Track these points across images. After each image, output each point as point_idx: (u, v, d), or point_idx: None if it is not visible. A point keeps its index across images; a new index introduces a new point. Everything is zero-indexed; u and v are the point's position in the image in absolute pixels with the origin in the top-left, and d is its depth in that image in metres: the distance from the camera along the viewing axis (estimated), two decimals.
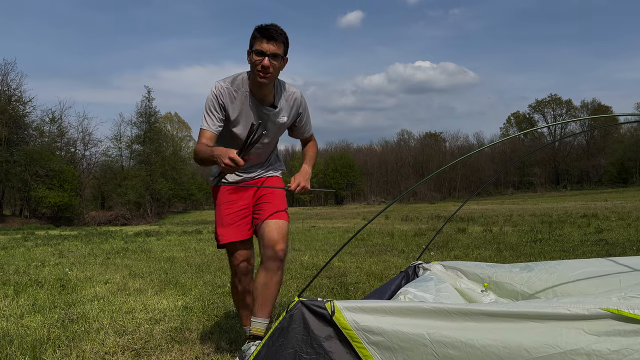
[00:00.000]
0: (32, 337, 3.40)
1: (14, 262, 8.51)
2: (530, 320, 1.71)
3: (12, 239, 16.12)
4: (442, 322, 1.77)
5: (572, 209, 22.74)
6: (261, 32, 2.45)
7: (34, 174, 35.54)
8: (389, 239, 10.93)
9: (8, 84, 37.62)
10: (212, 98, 2.58)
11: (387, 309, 1.83)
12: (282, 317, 1.92)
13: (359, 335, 1.82)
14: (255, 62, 2.47)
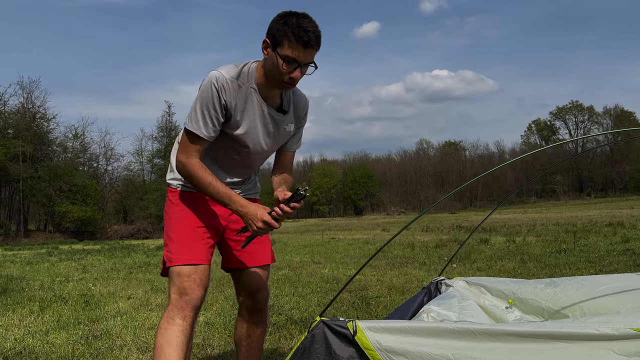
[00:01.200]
0: (57, 354, 3.45)
1: (39, 277, 8.65)
2: (558, 340, 1.67)
3: (36, 253, 16.40)
4: (467, 342, 1.74)
5: (597, 218, 22.29)
6: (298, 36, 1.90)
7: (57, 189, 36.19)
8: (410, 251, 10.83)
9: (33, 102, 38.53)
10: (211, 93, 1.99)
11: (410, 329, 1.81)
12: (303, 337, 1.91)
13: (382, 356, 1.80)
14: (284, 71, 1.96)
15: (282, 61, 1.94)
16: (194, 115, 2.01)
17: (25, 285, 7.43)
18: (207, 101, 1.99)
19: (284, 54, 1.93)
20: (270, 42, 1.97)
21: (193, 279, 2.05)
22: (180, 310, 2.01)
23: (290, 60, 1.94)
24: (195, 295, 2.04)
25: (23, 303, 5.77)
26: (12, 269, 10.41)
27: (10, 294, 6.57)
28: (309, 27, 1.92)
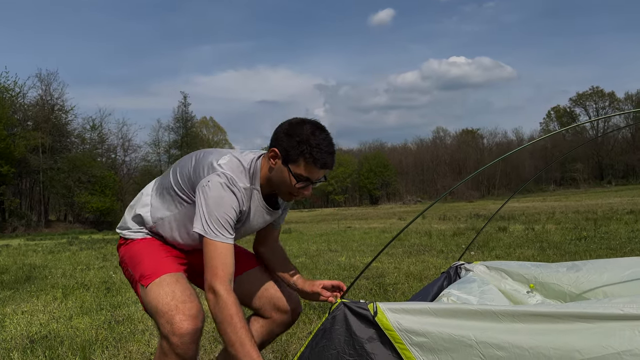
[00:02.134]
0: (82, 338, 3.52)
1: (60, 265, 8.81)
2: (582, 321, 1.65)
3: (58, 243, 16.71)
4: (489, 323, 1.73)
5: (618, 205, 21.94)
6: (317, 159, 1.81)
7: (76, 180, 36.74)
8: (427, 239, 10.79)
9: (51, 94, 39.07)
10: (231, 206, 1.82)
11: (431, 311, 1.80)
12: (324, 319, 1.92)
13: (402, 337, 1.79)
14: (294, 188, 1.87)
15: (295, 180, 1.84)
16: (218, 224, 1.78)
17: (48, 273, 7.58)
18: (229, 211, 1.80)
19: (298, 172, 1.83)
20: (280, 154, 1.84)
21: (183, 295, 1.84)
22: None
23: (304, 179, 1.85)
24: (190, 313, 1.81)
25: (47, 290, 5.90)
26: (34, 258, 10.63)
27: (34, 282, 6.71)
28: (328, 148, 1.83)
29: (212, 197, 1.79)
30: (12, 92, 36.75)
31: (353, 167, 69.89)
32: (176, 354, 1.76)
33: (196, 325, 1.79)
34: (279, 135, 1.86)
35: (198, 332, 1.81)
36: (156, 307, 1.82)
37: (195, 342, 1.80)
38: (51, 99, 38.98)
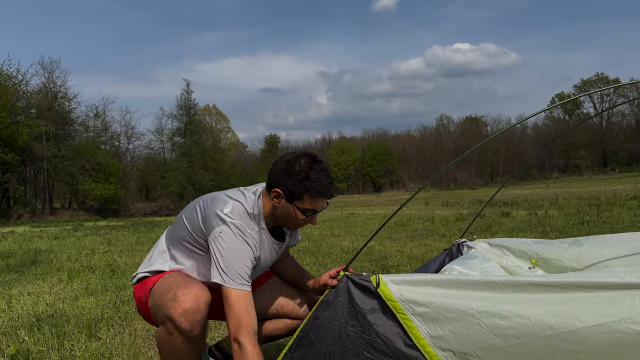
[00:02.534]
0: (87, 316, 3.56)
1: (66, 250, 8.88)
2: (583, 290, 1.66)
3: (62, 230, 16.81)
4: (491, 293, 1.74)
5: (622, 191, 21.90)
6: (321, 193, 1.89)
7: (80, 168, 36.81)
8: (430, 224, 10.82)
9: (54, 82, 38.99)
10: (247, 256, 1.86)
11: (433, 282, 1.82)
12: (327, 291, 1.94)
13: (404, 307, 1.81)
14: (301, 221, 1.95)
15: (302, 214, 1.92)
16: (235, 274, 1.80)
17: (54, 257, 7.64)
18: (245, 261, 1.84)
19: (304, 207, 1.91)
20: (284, 194, 1.90)
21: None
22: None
23: (310, 212, 1.93)
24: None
25: (52, 273, 5.95)
26: (39, 243, 10.70)
27: (39, 265, 6.77)
28: (327, 179, 1.90)
29: (227, 248, 1.82)
30: (15, 80, 36.71)
31: (356, 155, 69.79)
32: (181, 332, 1.74)
33: (199, 303, 1.75)
34: (278, 175, 1.91)
35: (202, 312, 1.76)
36: (161, 292, 1.82)
37: (200, 322, 1.76)
38: (54, 86, 38.92)
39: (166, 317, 1.75)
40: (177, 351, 1.78)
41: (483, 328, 1.70)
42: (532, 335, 1.66)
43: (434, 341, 1.77)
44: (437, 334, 1.77)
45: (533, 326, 1.65)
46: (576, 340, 1.62)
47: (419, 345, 1.79)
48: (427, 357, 1.78)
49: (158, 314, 1.83)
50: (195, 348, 1.81)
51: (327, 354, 1.87)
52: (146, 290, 1.98)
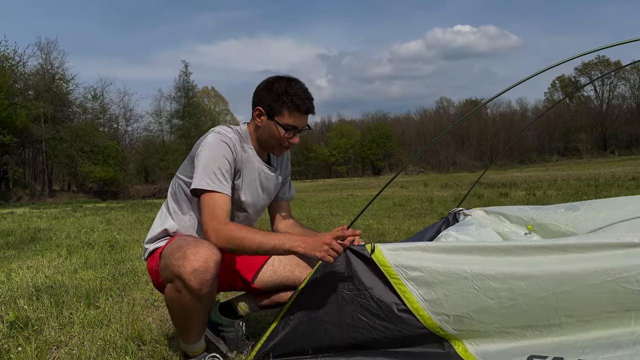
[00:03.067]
0: (86, 287, 3.58)
1: (65, 229, 8.90)
2: (578, 251, 1.68)
3: (62, 210, 16.84)
4: (485, 257, 1.75)
5: (621, 173, 21.91)
6: (299, 105, 1.94)
7: (79, 150, 36.71)
8: (428, 204, 10.84)
9: (51, 63, 38.69)
10: (224, 152, 1.92)
11: (427, 248, 1.83)
12: None
13: (397, 272, 1.82)
14: (283, 138, 1.98)
15: (283, 130, 1.97)
16: (212, 175, 1.88)
17: (53, 235, 7.66)
18: (221, 160, 1.91)
19: (285, 122, 1.97)
20: (265, 111, 1.98)
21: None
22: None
23: (291, 127, 1.98)
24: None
25: (51, 249, 5.97)
26: (39, 223, 10.73)
27: (38, 242, 6.79)
28: (305, 94, 1.97)
29: (207, 153, 1.91)
30: (12, 61, 36.38)
31: (356, 138, 69.63)
32: (190, 291, 1.73)
33: (208, 263, 1.73)
34: (259, 94, 2.00)
35: (211, 271, 1.74)
36: (171, 251, 1.82)
37: (209, 282, 1.75)
38: (51, 68, 38.64)
39: (175, 276, 1.75)
40: (186, 309, 1.79)
41: (477, 291, 1.72)
42: (526, 297, 1.68)
43: (428, 305, 1.79)
44: (431, 298, 1.79)
45: (527, 287, 1.67)
46: (571, 299, 1.64)
47: (413, 309, 1.80)
48: (421, 320, 1.80)
49: (166, 272, 1.82)
50: (204, 306, 1.83)
51: (323, 317, 1.90)
52: (158, 258, 1.98)
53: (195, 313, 1.81)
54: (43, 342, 2.41)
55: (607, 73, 63.95)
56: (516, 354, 1.71)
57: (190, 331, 1.87)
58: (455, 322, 1.77)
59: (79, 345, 2.38)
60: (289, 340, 1.92)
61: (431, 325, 1.80)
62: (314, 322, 1.91)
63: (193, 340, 1.89)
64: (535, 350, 1.70)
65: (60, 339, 2.49)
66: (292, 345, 1.91)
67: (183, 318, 1.83)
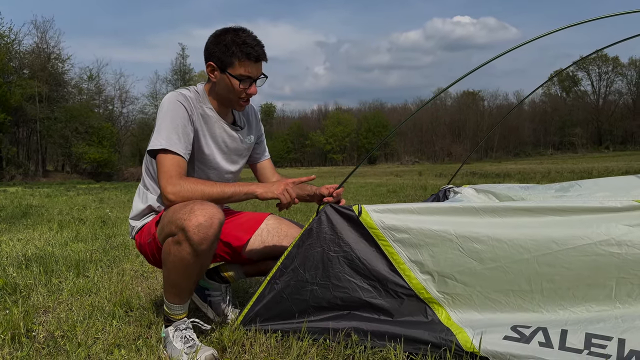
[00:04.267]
0: (76, 258, 3.58)
1: (57, 206, 8.88)
2: (560, 214, 1.70)
3: (55, 189, 16.78)
4: (469, 218, 1.78)
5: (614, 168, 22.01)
6: (248, 53, 1.90)
7: (74, 130, 36.54)
8: (422, 191, 10.87)
9: (47, 42, 38.38)
10: (180, 111, 1.91)
11: (413, 209, 1.85)
12: (311, 220, 1.96)
13: (385, 234, 1.85)
14: (239, 90, 1.95)
15: (237, 81, 1.93)
16: (165, 135, 1.87)
17: (45, 212, 7.65)
18: (177, 119, 1.90)
19: (237, 73, 1.92)
20: (217, 65, 1.94)
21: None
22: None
23: (245, 78, 1.93)
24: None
25: (42, 223, 5.96)
26: (31, 200, 10.69)
27: (29, 217, 6.78)
28: (254, 42, 1.92)
29: (166, 111, 1.91)
30: (7, 39, 36.06)
31: (352, 126, 69.60)
32: (190, 244, 1.72)
33: (213, 220, 1.72)
34: (208, 48, 1.96)
35: (214, 228, 1.73)
36: (175, 209, 1.79)
37: (210, 239, 1.73)
38: (47, 47, 38.33)
39: (179, 228, 1.73)
40: (182, 263, 1.77)
41: (461, 252, 1.74)
42: (508, 259, 1.70)
43: (414, 265, 1.81)
44: (417, 259, 1.81)
45: (510, 249, 1.69)
46: (552, 263, 1.66)
47: (400, 270, 1.83)
48: (407, 280, 1.82)
49: (168, 228, 1.80)
50: (200, 264, 1.80)
51: (309, 278, 1.91)
52: (149, 231, 1.98)
53: (189, 269, 1.79)
54: (31, 306, 2.42)
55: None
56: (500, 323, 1.73)
57: (178, 289, 1.85)
58: (439, 283, 1.80)
59: (66, 310, 2.39)
60: (276, 302, 1.93)
61: (416, 286, 1.82)
62: (300, 283, 1.92)
63: (177, 301, 1.87)
64: (519, 321, 1.72)
65: (48, 304, 2.50)
66: (278, 307, 1.93)
67: (175, 273, 1.81)
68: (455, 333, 1.73)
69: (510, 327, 1.70)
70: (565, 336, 1.62)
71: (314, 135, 70.21)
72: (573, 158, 49.15)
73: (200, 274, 1.89)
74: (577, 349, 1.58)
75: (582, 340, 1.60)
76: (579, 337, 1.60)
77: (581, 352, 1.57)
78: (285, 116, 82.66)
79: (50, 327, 2.12)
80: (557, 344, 1.61)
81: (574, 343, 1.60)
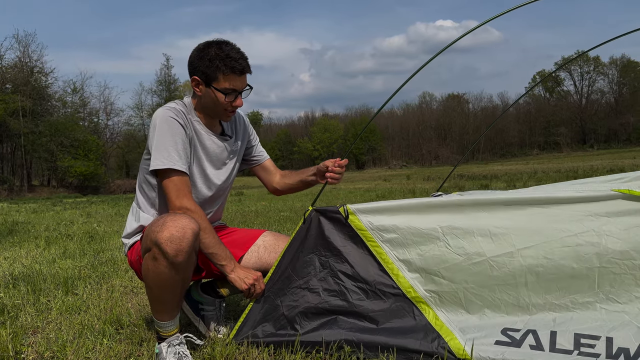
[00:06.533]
0: (64, 275, 3.54)
1: (44, 222, 8.77)
2: (542, 205, 1.74)
3: (41, 205, 16.58)
4: (454, 214, 1.81)
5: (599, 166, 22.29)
6: (232, 67, 1.91)
7: (59, 144, 36.16)
8: (411, 196, 10.92)
9: (29, 56, 37.98)
10: (176, 128, 1.92)
11: (399, 207, 1.87)
12: (299, 226, 1.97)
13: (374, 235, 1.88)
14: (225, 103, 1.95)
15: (222, 95, 1.94)
16: (166, 154, 1.89)
17: (31, 228, 7.55)
18: (175, 136, 1.91)
19: (222, 87, 1.93)
20: (201, 79, 1.96)
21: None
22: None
23: (230, 91, 1.94)
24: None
25: (29, 240, 5.88)
26: (17, 217, 10.55)
27: (16, 234, 6.69)
28: (237, 54, 1.93)
29: (158, 132, 1.91)
30: None
31: (339, 132, 69.69)
32: (165, 257, 1.71)
33: (185, 231, 1.72)
34: (192, 63, 1.97)
35: (188, 239, 1.72)
36: (151, 225, 1.80)
37: (185, 250, 1.72)
38: (30, 60, 37.92)
39: (153, 243, 1.73)
40: (161, 278, 1.75)
41: (447, 248, 1.80)
42: (493, 253, 1.75)
43: (402, 264, 1.85)
44: (405, 258, 1.85)
45: (494, 244, 1.74)
46: (536, 255, 1.72)
47: (388, 269, 1.87)
48: (395, 279, 1.86)
49: (145, 243, 1.80)
50: (180, 277, 1.78)
51: (303, 284, 1.92)
52: (139, 248, 1.97)
53: (170, 284, 1.77)
54: (19, 327, 2.38)
55: None
56: (489, 325, 1.74)
57: (164, 306, 1.83)
58: (426, 281, 1.82)
59: (55, 329, 2.36)
60: (268, 311, 1.94)
61: (404, 285, 1.84)
62: (293, 290, 1.93)
63: (166, 318, 1.85)
64: (508, 322, 1.74)
65: (37, 324, 2.46)
66: (271, 315, 1.93)
67: (157, 289, 1.79)
68: (447, 340, 1.74)
69: (500, 331, 1.72)
70: (555, 338, 1.64)
71: (302, 142, 70.21)
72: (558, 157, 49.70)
73: (184, 288, 1.88)
74: (567, 349, 1.61)
75: (571, 341, 1.62)
76: (568, 338, 1.63)
77: (571, 353, 1.59)
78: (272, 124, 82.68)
79: (39, 348, 2.09)
80: (548, 346, 1.63)
81: (564, 344, 1.62)
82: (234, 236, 2.17)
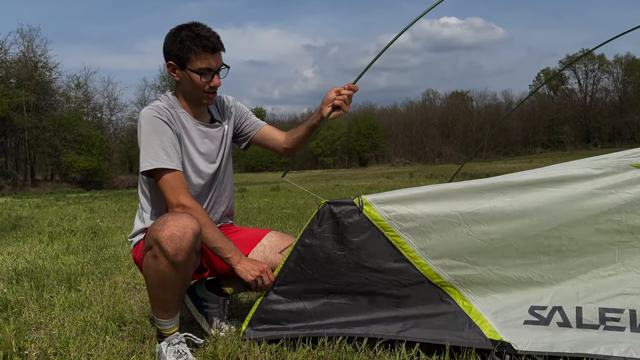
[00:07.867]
0: (67, 271, 3.55)
1: (47, 217, 8.80)
2: (561, 184, 1.75)
3: (45, 200, 16.64)
4: (473, 199, 1.79)
5: None
6: (203, 46, 1.89)
7: (62, 139, 36.24)
8: None
9: (33, 51, 38.05)
10: (162, 126, 1.91)
11: (415, 196, 1.84)
12: (310, 219, 1.93)
13: (392, 225, 1.84)
14: (202, 84, 1.93)
15: (198, 75, 1.92)
16: (153, 154, 1.88)
17: (35, 223, 7.58)
18: (159, 135, 1.90)
19: (196, 67, 1.92)
20: (176, 63, 1.95)
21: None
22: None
23: (205, 71, 1.92)
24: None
25: (33, 236, 5.91)
26: (21, 211, 10.58)
27: (20, 229, 6.71)
28: (208, 33, 1.91)
29: (148, 129, 1.91)
30: None
31: (342, 129, 69.65)
32: (166, 256, 1.72)
33: (186, 230, 1.72)
34: (166, 48, 1.96)
35: (188, 239, 1.73)
36: (152, 224, 1.82)
37: (185, 250, 1.73)
38: (34, 55, 37.99)
39: (153, 241, 1.74)
40: (161, 276, 1.76)
41: (469, 235, 1.78)
42: (516, 237, 1.77)
43: (424, 252, 1.83)
44: (426, 246, 1.83)
45: (517, 229, 1.76)
46: (558, 235, 1.75)
47: (410, 258, 1.84)
48: (418, 267, 1.85)
49: (147, 242, 1.81)
50: (180, 276, 1.79)
51: (318, 278, 1.91)
52: (142, 248, 1.97)
53: (170, 283, 1.78)
54: (22, 323, 2.39)
55: None
56: (517, 304, 1.79)
57: (164, 305, 1.84)
58: (451, 266, 1.82)
59: (58, 326, 2.37)
60: (282, 302, 1.96)
61: (427, 272, 1.84)
62: (309, 283, 1.92)
63: (166, 316, 1.85)
64: (534, 298, 1.78)
65: (40, 320, 2.47)
66: (283, 311, 1.95)
67: (157, 287, 1.80)
68: (478, 323, 1.77)
69: (527, 310, 1.77)
70: (581, 314, 1.71)
71: None
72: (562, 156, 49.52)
73: (184, 288, 1.89)
74: (593, 324, 1.68)
75: (597, 315, 1.69)
76: (593, 313, 1.70)
77: (597, 328, 1.67)
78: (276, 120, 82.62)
79: (42, 345, 2.10)
80: (575, 322, 1.70)
81: (590, 319, 1.70)
82: (239, 235, 2.17)
